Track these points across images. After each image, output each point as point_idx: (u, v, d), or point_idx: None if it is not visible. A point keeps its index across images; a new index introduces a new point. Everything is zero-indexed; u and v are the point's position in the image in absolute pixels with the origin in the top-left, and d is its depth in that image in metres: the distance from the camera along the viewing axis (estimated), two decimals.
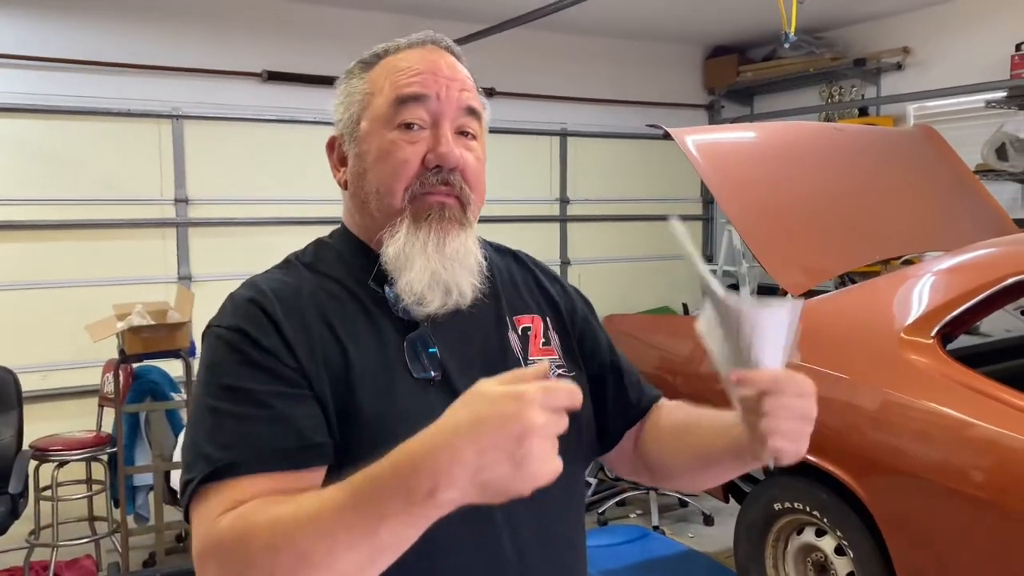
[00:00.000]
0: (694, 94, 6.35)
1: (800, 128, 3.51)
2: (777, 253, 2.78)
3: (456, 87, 1.01)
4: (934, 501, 2.12)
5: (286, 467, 0.86)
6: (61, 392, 4.23)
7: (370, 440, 0.92)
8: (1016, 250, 2.36)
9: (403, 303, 0.97)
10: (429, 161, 0.99)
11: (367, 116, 1.02)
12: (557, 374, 1.08)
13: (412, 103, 0.99)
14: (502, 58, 5.31)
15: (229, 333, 0.93)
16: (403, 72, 1.01)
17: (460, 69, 1.04)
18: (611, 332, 3.95)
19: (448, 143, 0.99)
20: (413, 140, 0.99)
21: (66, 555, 3.65)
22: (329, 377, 0.92)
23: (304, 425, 0.88)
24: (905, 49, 5.21)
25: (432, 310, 0.98)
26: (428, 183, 0.99)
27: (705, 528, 4.12)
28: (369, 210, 1.02)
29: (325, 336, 0.95)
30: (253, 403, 0.88)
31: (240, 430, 0.86)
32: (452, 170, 0.99)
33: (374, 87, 1.02)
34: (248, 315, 0.94)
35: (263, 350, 0.91)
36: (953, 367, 2.20)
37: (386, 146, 0.99)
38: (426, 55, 1.03)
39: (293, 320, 0.94)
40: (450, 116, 1.01)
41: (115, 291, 4.16)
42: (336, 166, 1.08)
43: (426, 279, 0.97)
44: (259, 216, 4.72)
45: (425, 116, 1.00)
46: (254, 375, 0.89)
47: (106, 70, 4.42)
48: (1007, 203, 4.62)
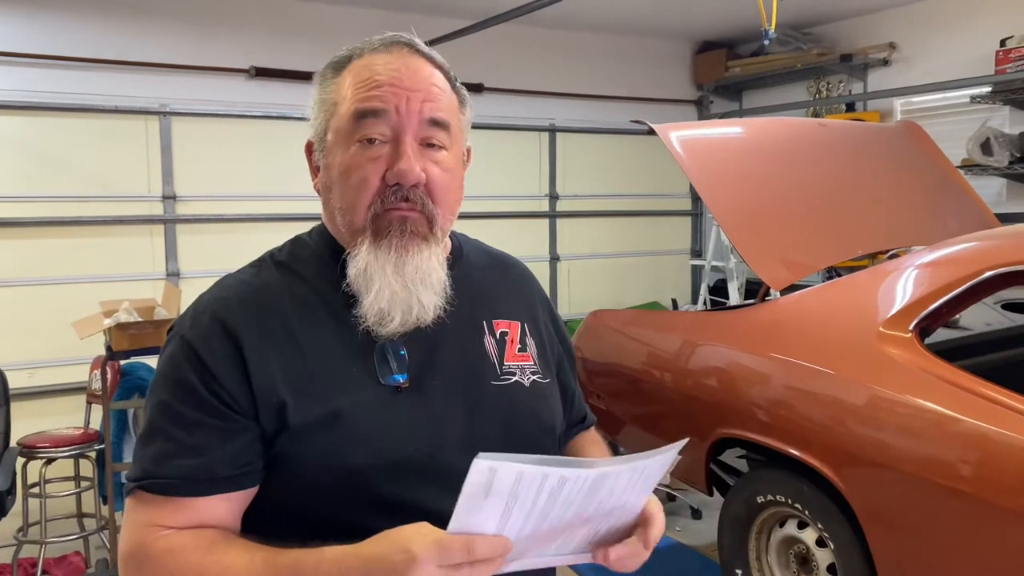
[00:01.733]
0: (683, 89, 6.37)
1: (784, 124, 3.53)
2: (760, 248, 2.80)
3: (418, 98, 0.98)
4: (911, 493, 2.14)
5: (189, 495, 0.92)
6: (49, 389, 4.24)
7: (330, 445, 0.94)
8: (993, 244, 2.38)
9: (364, 323, 0.98)
10: (389, 178, 0.97)
11: (332, 127, 1.01)
12: (532, 380, 1.08)
13: (371, 118, 0.97)
14: (490, 54, 5.32)
15: (182, 347, 0.96)
16: (364, 84, 0.98)
17: (425, 76, 1.00)
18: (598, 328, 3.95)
19: (408, 159, 0.97)
20: (373, 156, 0.97)
21: (55, 552, 3.66)
22: (284, 386, 0.94)
23: (217, 457, 0.93)
24: (891, 45, 5.23)
25: (391, 330, 0.98)
26: (389, 201, 0.98)
27: (693, 522, 4.14)
28: (337, 223, 1.03)
29: (286, 343, 0.96)
30: (181, 426, 0.93)
31: (165, 449, 0.93)
32: (413, 186, 0.98)
33: (339, 96, 1.01)
34: (206, 330, 0.96)
35: (206, 375, 0.94)
36: (931, 361, 2.22)
37: (347, 162, 0.99)
38: (391, 62, 0.99)
39: (254, 330, 0.96)
40: (411, 130, 0.98)
41: (103, 288, 4.17)
42: (313, 172, 1.08)
43: (385, 299, 0.97)
44: (247, 212, 4.73)
45: (386, 130, 0.98)
46: (188, 399, 0.94)
47: (93, 66, 4.42)
48: (992, 197, 4.65)
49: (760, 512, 2.73)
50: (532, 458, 0.76)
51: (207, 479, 0.92)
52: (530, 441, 1.07)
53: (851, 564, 2.39)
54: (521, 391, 1.07)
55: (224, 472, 0.93)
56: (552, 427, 1.11)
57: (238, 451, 0.93)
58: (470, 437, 1.00)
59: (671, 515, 4.28)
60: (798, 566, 2.68)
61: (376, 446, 0.94)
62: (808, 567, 2.64)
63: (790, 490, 2.57)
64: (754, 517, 2.75)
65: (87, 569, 3.66)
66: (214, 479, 0.92)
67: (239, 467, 0.94)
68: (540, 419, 1.09)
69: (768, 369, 2.58)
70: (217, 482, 0.93)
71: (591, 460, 0.81)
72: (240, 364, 0.94)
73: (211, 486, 0.92)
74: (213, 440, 0.93)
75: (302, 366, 0.95)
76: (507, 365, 1.07)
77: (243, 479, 0.94)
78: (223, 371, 0.93)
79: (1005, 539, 1.96)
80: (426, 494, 0.95)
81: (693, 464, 2.90)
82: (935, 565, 2.15)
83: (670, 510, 4.34)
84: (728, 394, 2.69)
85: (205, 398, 0.93)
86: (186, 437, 0.92)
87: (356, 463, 0.93)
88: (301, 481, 0.94)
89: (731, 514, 2.82)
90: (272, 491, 0.96)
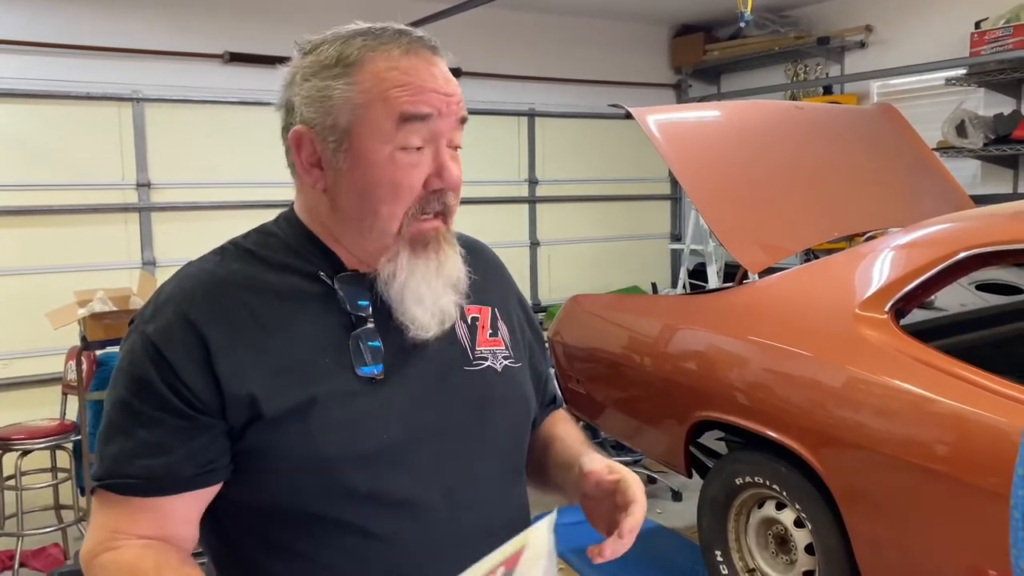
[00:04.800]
0: (661, 73, 6.37)
1: (761, 107, 3.54)
2: (737, 231, 2.81)
3: (455, 102, 0.97)
4: (886, 473, 2.16)
5: (151, 494, 0.92)
6: (24, 380, 4.19)
7: (304, 435, 0.93)
8: (967, 225, 2.40)
9: (411, 334, 0.98)
10: (432, 184, 0.96)
11: (362, 130, 0.94)
12: (504, 365, 1.08)
13: (417, 122, 0.94)
14: (469, 38, 5.28)
15: (142, 343, 0.94)
16: (404, 87, 0.94)
17: (452, 79, 0.99)
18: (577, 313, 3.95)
19: (451, 166, 0.97)
20: (416, 162, 0.95)
21: (33, 544, 3.62)
22: (254, 378, 0.93)
23: (179, 456, 0.92)
24: (868, 27, 5.25)
25: (432, 335, 0.99)
26: (430, 206, 0.97)
27: (673, 504, 4.18)
28: (361, 227, 0.98)
29: (255, 334, 0.95)
30: (141, 424, 0.92)
31: (125, 448, 0.92)
32: (451, 191, 0.99)
33: (368, 98, 0.94)
34: (167, 325, 0.94)
35: (167, 371, 0.92)
36: (906, 342, 2.24)
37: (389, 168, 0.95)
38: (422, 65, 0.96)
39: (220, 322, 0.94)
40: (448, 134, 0.97)
41: (77, 277, 4.12)
42: (306, 166, 0.99)
43: (429, 311, 0.98)
44: (223, 200, 4.68)
45: (427, 135, 0.96)
46: (148, 396, 0.92)
47: (64, 52, 4.34)
48: (967, 179, 4.70)
49: (739, 494, 2.75)
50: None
51: (169, 478, 0.91)
52: (506, 424, 1.07)
53: (828, 544, 2.42)
54: (494, 376, 1.07)
55: (187, 472, 0.92)
56: (526, 411, 1.12)
57: (201, 449, 0.92)
58: (445, 424, 1.00)
59: (651, 497, 4.30)
60: (776, 547, 2.71)
61: (350, 436, 0.94)
62: (786, 547, 2.67)
63: (768, 471, 2.59)
64: (733, 499, 2.77)
65: (66, 561, 3.63)
66: (176, 478, 0.92)
67: (202, 465, 0.93)
68: (514, 404, 1.09)
69: (745, 352, 2.60)
70: (180, 482, 0.92)
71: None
72: (204, 360, 0.92)
73: (173, 485, 0.92)
74: (175, 439, 0.92)
75: (274, 356, 0.94)
76: (479, 350, 1.07)
77: (207, 477, 0.93)
78: (185, 368, 0.92)
79: (978, 517, 1.99)
80: (399, 483, 0.95)
81: (673, 447, 2.91)
82: (910, 543, 2.18)
83: (650, 492, 4.37)
84: (706, 377, 2.70)
85: (165, 396, 0.91)
86: (147, 436, 0.91)
87: (329, 453, 0.93)
88: (273, 472, 0.93)
89: (710, 496, 2.84)
90: (242, 483, 0.95)
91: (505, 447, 1.07)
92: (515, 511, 1.08)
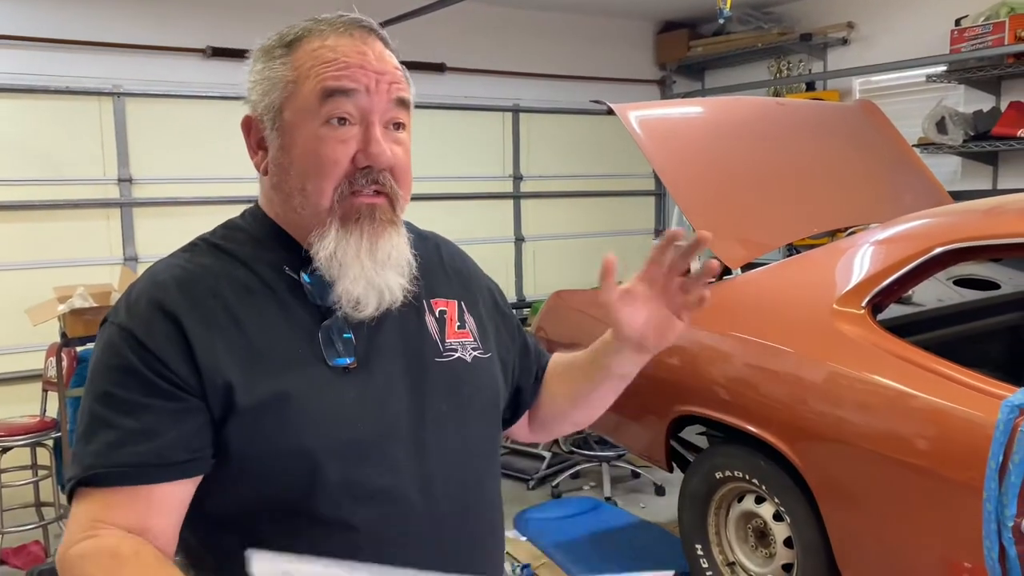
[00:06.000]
0: (646, 69, 6.38)
1: (742, 103, 3.55)
2: (717, 227, 2.81)
3: (386, 80, 0.98)
4: (862, 467, 2.18)
5: (142, 482, 0.89)
6: (3, 377, 4.16)
7: (280, 426, 0.93)
8: (943, 221, 2.42)
9: (341, 310, 0.98)
10: (359, 161, 0.97)
11: (291, 106, 0.98)
12: (473, 356, 1.09)
13: (340, 96, 0.96)
14: (453, 33, 5.27)
15: (119, 333, 0.93)
16: (331, 63, 0.97)
17: (389, 58, 1.00)
18: (560, 308, 3.95)
19: (379, 143, 0.97)
20: (343, 138, 0.96)
21: (13, 541, 3.60)
22: (230, 367, 0.92)
23: (169, 441, 0.90)
24: (849, 24, 5.28)
25: (368, 314, 0.98)
26: (357, 184, 0.97)
27: (656, 499, 4.20)
28: (293, 205, 1.00)
29: (228, 325, 0.95)
30: (125, 412, 0.90)
31: (107, 439, 0.90)
32: (382, 170, 0.98)
33: (298, 75, 0.97)
34: (143, 315, 0.94)
35: (149, 357, 0.91)
36: (883, 337, 2.26)
37: (313, 143, 0.96)
38: (355, 44, 0.98)
39: (194, 312, 0.94)
40: (380, 111, 0.98)
41: (59, 273, 4.08)
42: (253, 149, 1.04)
43: (361, 286, 0.97)
44: (206, 195, 4.66)
45: (354, 111, 0.96)
46: (132, 383, 0.91)
47: (44, 46, 4.31)
48: (947, 176, 4.74)
49: (719, 488, 2.77)
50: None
51: (160, 464, 0.89)
52: (477, 413, 1.08)
53: (806, 537, 2.44)
54: (464, 366, 1.08)
55: (177, 456, 0.90)
56: (496, 401, 1.13)
57: (190, 434, 0.91)
58: (418, 415, 1.01)
59: (635, 492, 4.33)
60: (756, 540, 2.73)
61: (325, 426, 0.94)
62: (766, 541, 2.69)
63: (747, 465, 2.61)
64: (713, 493, 2.79)
65: (47, 558, 3.61)
66: (167, 464, 0.90)
67: (192, 451, 0.91)
68: (484, 393, 1.10)
69: (725, 347, 2.61)
70: (171, 467, 0.90)
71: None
72: (183, 344, 0.92)
73: (164, 472, 0.89)
74: (164, 422, 0.90)
75: (247, 348, 0.94)
76: (449, 342, 1.08)
77: (196, 464, 0.92)
78: (166, 352, 0.91)
79: (955, 511, 2.01)
80: (374, 474, 0.96)
81: (653, 441, 2.93)
82: (886, 536, 2.20)
83: (634, 487, 4.39)
84: (686, 372, 2.71)
85: (151, 380, 0.90)
86: (133, 423, 0.89)
87: (304, 444, 0.93)
88: (247, 465, 0.93)
89: (690, 490, 2.86)
90: (220, 476, 0.95)
91: (477, 437, 1.08)
92: (488, 501, 1.09)
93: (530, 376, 1.25)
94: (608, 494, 4.18)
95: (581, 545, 3.55)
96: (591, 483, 4.44)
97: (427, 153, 4.98)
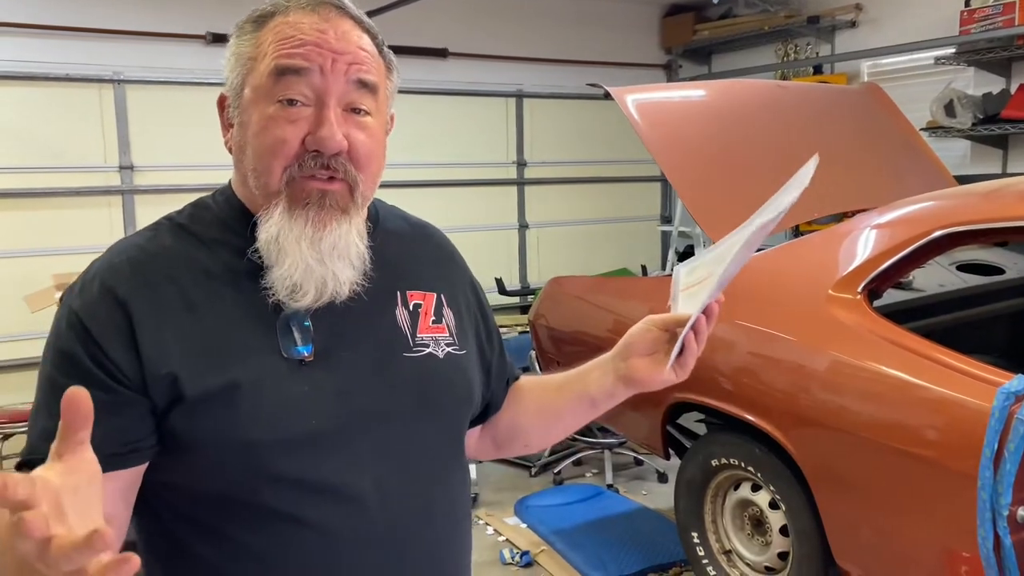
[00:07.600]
0: (651, 54, 6.31)
1: (744, 86, 3.50)
2: (715, 211, 2.78)
3: (345, 60, 0.94)
4: (856, 454, 2.15)
5: None
6: (4, 364, 4.18)
7: (227, 419, 0.90)
8: (942, 204, 2.38)
9: (274, 296, 0.94)
10: (309, 144, 0.93)
11: (250, 83, 0.95)
12: (447, 352, 1.06)
13: (292, 76, 0.92)
14: (456, 18, 5.22)
15: (69, 317, 0.92)
16: (287, 40, 0.93)
17: (353, 39, 0.96)
18: (558, 295, 3.92)
19: (330, 126, 0.92)
20: (293, 118, 0.93)
21: None
22: (177, 357, 0.90)
23: (100, 433, 0.85)
24: (857, 6, 5.20)
25: (305, 304, 0.94)
26: (307, 166, 0.93)
27: (659, 485, 4.18)
28: (250, 185, 0.97)
29: (182, 311, 0.92)
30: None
31: (47, 425, 0.88)
32: (336, 155, 0.94)
33: (258, 52, 0.95)
34: (93, 298, 0.92)
35: (90, 343, 0.89)
36: (879, 323, 2.22)
37: (264, 121, 0.93)
38: (318, 22, 0.94)
39: (146, 297, 0.92)
40: (336, 93, 0.93)
41: (60, 261, 4.08)
42: (224, 128, 1.02)
43: (298, 274, 0.93)
44: (207, 182, 4.56)
45: (308, 92, 0.93)
46: (71, 371, 0.89)
47: (44, 33, 4.30)
48: (956, 159, 4.66)
49: (715, 475, 2.74)
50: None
51: None
52: (445, 412, 1.05)
53: (801, 525, 2.42)
54: (435, 363, 1.04)
55: (109, 449, 0.87)
56: (468, 398, 1.09)
57: (125, 427, 0.89)
58: (380, 411, 0.98)
59: (638, 479, 4.31)
60: (752, 528, 2.71)
61: (275, 420, 0.91)
62: (762, 529, 2.66)
63: (743, 453, 2.58)
64: (709, 480, 2.76)
65: None
66: (98, 456, 0.88)
67: (125, 444, 0.89)
68: (455, 390, 1.07)
69: (721, 332, 2.58)
70: (101, 460, 0.88)
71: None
72: (128, 334, 0.90)
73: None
74: (98, 415, 0.89)
75: (199, 336, 0.92)
76: (420, 337, 1.04)
77: (130, 457, 0.90)
78: (109, 341, 0.89)
79: (950, 499, 1.98)
80: (327, 470, 0.93)
81: (650, 428, 2.91)
82: (879, 523, 2.17)
83: (636, 474, 4.37)
84: None
85: (89, 369, 0.89)
86: None
87: (253, 437, 0.90)
88: (198, 456, 0.91)
89: (687, 478, 2.83)
90: (170, 466, 0.93)
91: (443, 435, 1.05)
92: (452, 501, 1.06)
93: (502, 380, 1.21)
94: (610, 481, 4.16)
95: (581, 532, 3.53)
96: (593, 470, 4.42)
97: (430, 139, 4.95)
